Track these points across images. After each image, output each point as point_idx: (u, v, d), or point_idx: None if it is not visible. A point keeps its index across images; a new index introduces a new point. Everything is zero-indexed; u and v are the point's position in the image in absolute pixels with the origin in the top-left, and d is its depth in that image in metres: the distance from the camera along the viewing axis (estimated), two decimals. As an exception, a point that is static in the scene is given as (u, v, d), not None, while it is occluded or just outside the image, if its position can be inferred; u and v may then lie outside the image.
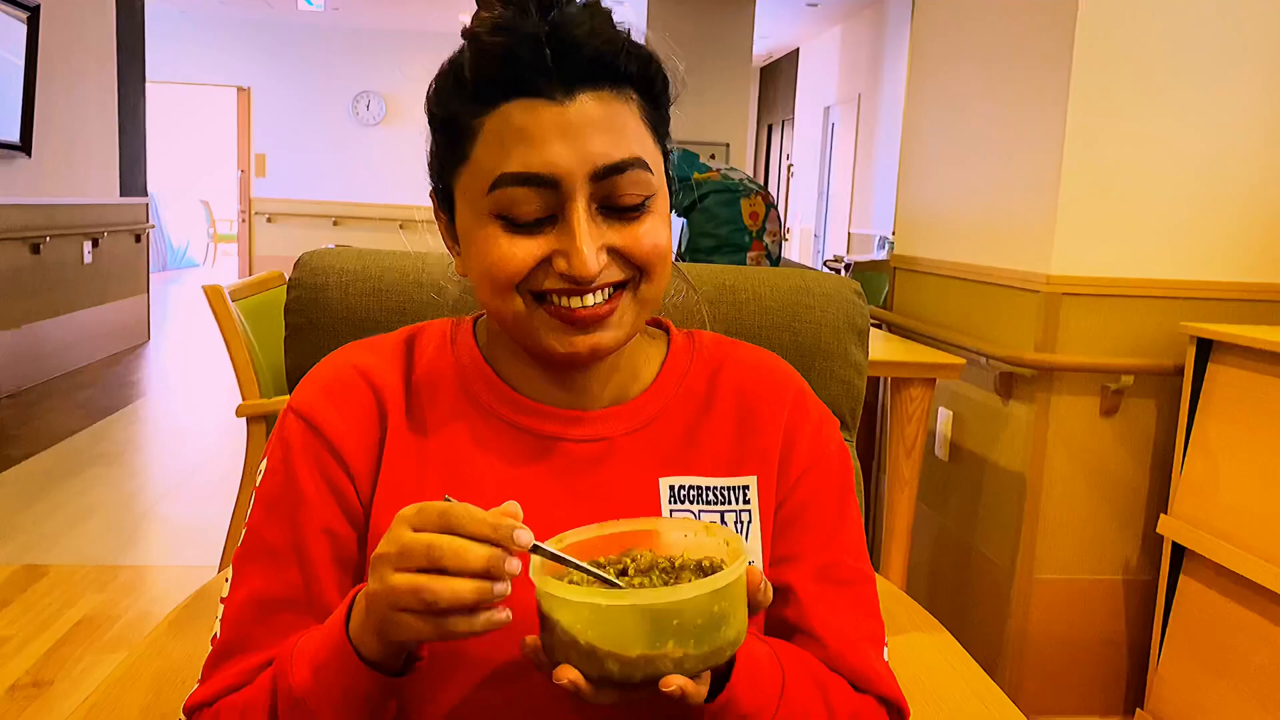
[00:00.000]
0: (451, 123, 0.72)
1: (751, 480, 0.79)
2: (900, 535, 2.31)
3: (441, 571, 0.58)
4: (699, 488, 0.79)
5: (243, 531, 0.77)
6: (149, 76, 6.97)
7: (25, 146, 5.09)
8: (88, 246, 5.90)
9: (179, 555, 3.17)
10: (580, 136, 0.69)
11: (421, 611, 0.59)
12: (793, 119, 10.92)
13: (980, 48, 2.55)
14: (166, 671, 1.05)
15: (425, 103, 0.75)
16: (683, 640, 0.60)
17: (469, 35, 0.71)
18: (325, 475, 0.75)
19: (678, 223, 2.49)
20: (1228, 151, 2.17)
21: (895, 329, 2.84)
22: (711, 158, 3.00)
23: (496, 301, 0.73)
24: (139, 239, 6.73)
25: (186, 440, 4.59)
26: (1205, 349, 2.10)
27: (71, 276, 5.73)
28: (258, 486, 0.77)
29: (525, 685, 0.71)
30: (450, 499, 0.61)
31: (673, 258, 0.78)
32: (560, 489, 0.77)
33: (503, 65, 0.69)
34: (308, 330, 1.10)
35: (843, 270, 5.24)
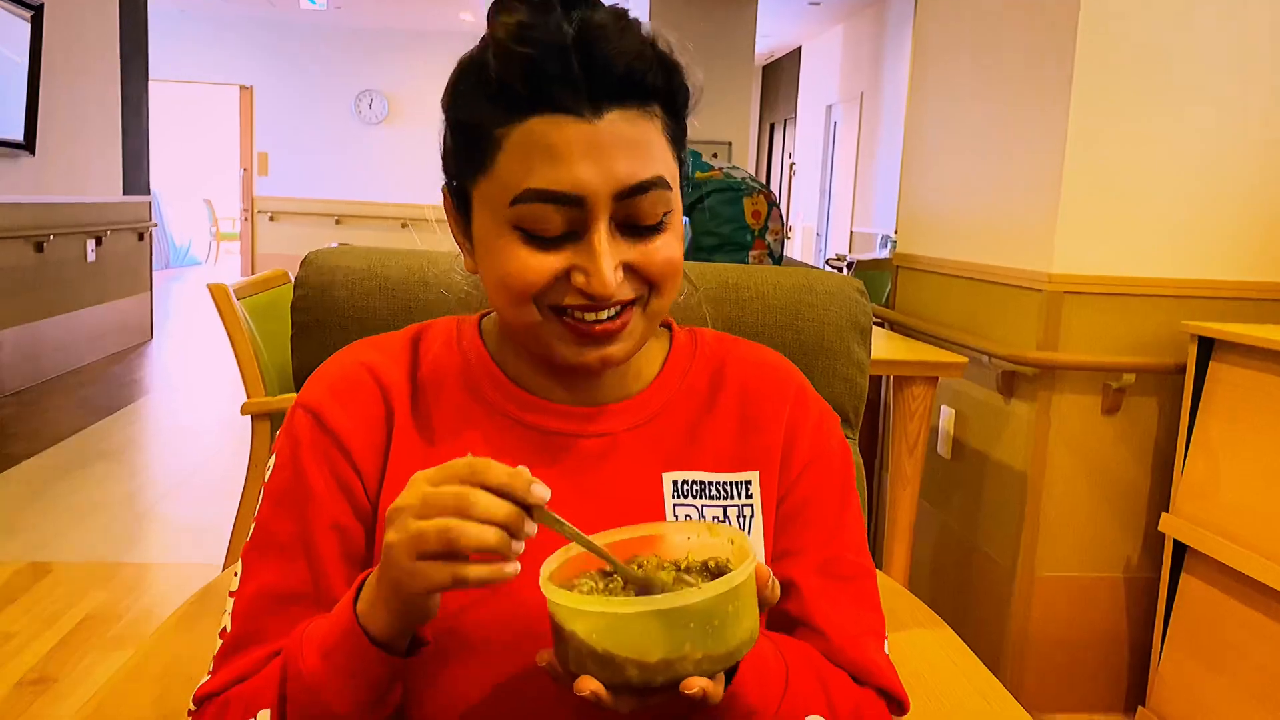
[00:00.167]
0: (472, 128, 0.71)
1: (754, 475, 0.80)
2: (902, 533, 2.32)
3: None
4: (702, 483, 0.79)
5: (251, 526, 0.78)
6: (152, 75, 6.97)
7: (29, 145, 5.10)
8: (91, 245, 5.91)
9: (182, 553, 3.18)
10: (606, 156, 0.68)
11: (443, 555, 0.60)
12: (795, 117, 10.92)
13: (982, 47, 2.55)
14: (174, 667, 1.06)
15: (442, 98, 0.75)
16: (700, 642, 0.60)
17: (492, 38, 0.69)
18: (334, 471, 0.76)
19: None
20: (1228, 151, 2.17)
21: (897, 327, 2.85)
22: (714, 156, 3.01)
23: (511, 310, 0.73)
24: (142, 237, 6.74)
25: (189, 438, 4.60)
26: (1207, 348, 2.10)
27: (74, 275, 5.74)
28: (266, 482, 0.78)
29: (526, 668, 0.72)
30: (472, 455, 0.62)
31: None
32: (565, 485, 0.77)
33: (529, 78, 0.67)
34: (315, 328, 1.11)
35: (845, 269, 5.24)
